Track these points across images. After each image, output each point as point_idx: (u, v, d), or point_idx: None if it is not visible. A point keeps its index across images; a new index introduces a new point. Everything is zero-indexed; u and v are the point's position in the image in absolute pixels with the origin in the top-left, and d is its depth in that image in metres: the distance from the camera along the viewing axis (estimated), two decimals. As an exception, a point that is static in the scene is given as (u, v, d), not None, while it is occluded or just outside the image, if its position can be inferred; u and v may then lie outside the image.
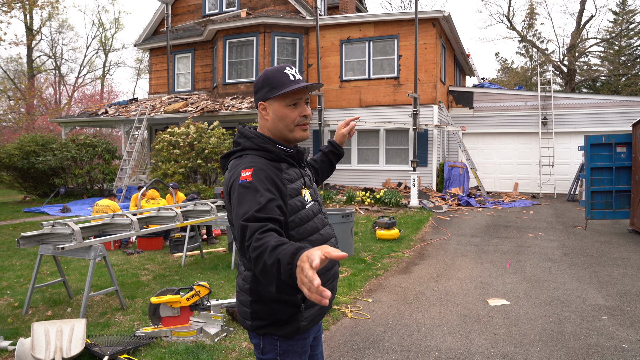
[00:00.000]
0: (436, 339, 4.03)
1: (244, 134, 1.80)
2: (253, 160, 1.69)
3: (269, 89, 1.75)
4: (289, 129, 1.77)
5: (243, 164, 1.69)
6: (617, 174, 9.06)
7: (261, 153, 1.74)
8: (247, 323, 1.76)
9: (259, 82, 1.79)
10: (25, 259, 7.19)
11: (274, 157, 1.75)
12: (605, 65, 30.66)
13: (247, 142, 1.77)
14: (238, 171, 1.66)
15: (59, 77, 34.42)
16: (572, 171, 15.54)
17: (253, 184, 1.60)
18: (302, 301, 1.71)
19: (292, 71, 1.76)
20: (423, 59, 14.65)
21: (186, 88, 18.52)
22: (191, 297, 4.16)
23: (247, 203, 1.55)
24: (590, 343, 3.92)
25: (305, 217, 1.75)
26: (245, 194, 1.58)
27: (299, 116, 1.77)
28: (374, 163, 15.56)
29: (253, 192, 1.57)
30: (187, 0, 18.86)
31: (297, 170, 1.81)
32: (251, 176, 1.61)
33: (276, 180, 1.66)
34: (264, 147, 1.74)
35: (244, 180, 1.61)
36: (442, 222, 10.45)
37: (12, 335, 4.10)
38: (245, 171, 1.64)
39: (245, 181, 1.61)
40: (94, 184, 16.41)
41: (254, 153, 1.74)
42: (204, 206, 6.38)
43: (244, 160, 1.71)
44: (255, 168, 1.64)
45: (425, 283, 5.75)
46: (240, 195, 1.60)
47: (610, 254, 7.22)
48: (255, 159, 1.70)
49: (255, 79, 1.80)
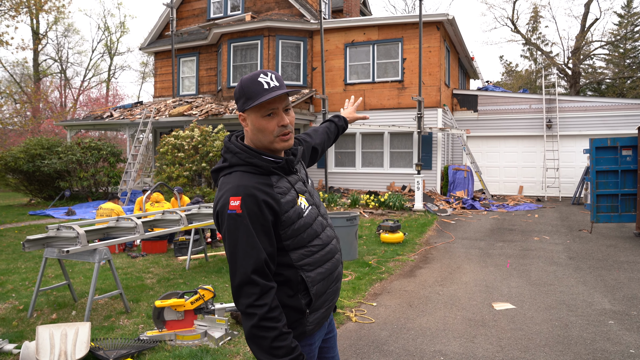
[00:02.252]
0: (441, 344, 4.01)
1: (230, 149, 1.72)
2: (241, 183, 1.61)
3: (244, 99, 1.67)
4: (269, 140, 1.69)
5: (230, 186, 1.62)
6: (623, 177, 9.00)
7: (249, 168, 1.67)
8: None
9: (237, 92, 1.70)
10: (31, 262, 7.22)
11: (263, 171, 1.67)
12: (610, 68, 30.54)
13: (233, 158, 1.70)
14: (226, 197, 1.59)
15: (64, 80, 34.62)
16: (577, 174, 15.46)
17: (243, 219, 1.56)
18: (307, 306, 1.70)
19: (267, 78, 1.66)
20: (427, 62, 14.64)
21: (191, 91, 18.58)
22: (195, 301, 4.16)
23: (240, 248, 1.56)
24: (596, 348, 3.89)
25: (303, 226, 1.71)
26: (237, 231, 1.56)
27: (277, 126, 1.68)
28: (378, 166, 15.54)
29: (245, 231, 1.56)
30: (192, 4, 18.95)
31: (288, 179, 1.74)
32: (240, 207, 1.56)
33: (269, 203, 1.61)
34: (251, 162, 1.66)
35: (232, 211, 1.56)
36: (447, 226, 10.42)
37: (17, 339, 4.11)
38: (233, 199, 1.57)
39: (235, 212, 1.56)
40: (99, 187, 16.47)
41: (241, 169, 1.67)
42: (208, 209, 6.39)
43: (232, 179, 1.65)
44: (244, 196, 1.57)
45: (430, 287, 5.73)
46: (230, 228, 1.57)
47: (617, 258, 7.17)
48: (243, 177, 1.63)
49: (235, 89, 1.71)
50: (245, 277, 1.55)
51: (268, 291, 1.56)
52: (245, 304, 1.54)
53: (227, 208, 1.57)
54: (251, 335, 1.55)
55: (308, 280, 1.69)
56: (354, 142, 15.74)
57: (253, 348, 1.57)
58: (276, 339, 1.54)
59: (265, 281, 1.57)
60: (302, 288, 1.69)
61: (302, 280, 1.69)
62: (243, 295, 1.55)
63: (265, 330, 1.53)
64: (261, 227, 1.58)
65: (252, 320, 1.54)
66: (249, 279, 1.54)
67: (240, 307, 1.57)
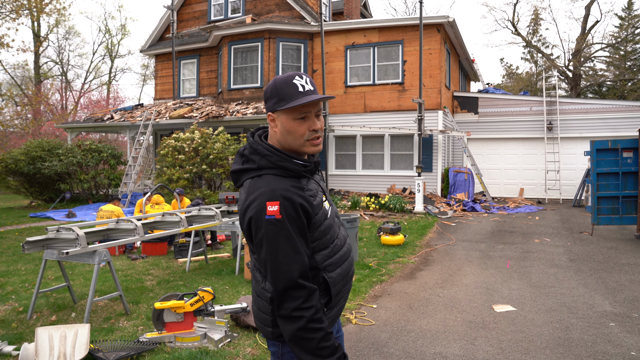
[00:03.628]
0: (441, 346, 4.00)
1: (257, 150, 1.67)
2: (276, 186, 1.59)
3: (276, 100, 1.64)
4: (299, 144, 1.67)
5: (264, 190, 1.58)
6: (624, 179, 8.99)
7: (280, 172, 1.64)
8: (268, 330, 1.72)
9: (268, 92, 1.67)
10: (31, 264, 7.21)
11: (294, 174, 1.65)
12: (610, 70, 30.55)
13: (262, 161, 1.65)
14: (261, 202, 1.56)
15: (65, 83, 34.68)
16: (578, 176, 15.45)
17: (284, 224, 1.54)
18: (325, 306, 1.70)
19: (302, 81, 1.64)
20: (428, 65, 14.65)
21: (191, 94, 18.60)
22: (195, 303, 4.15)
23: (283, 253, 1.55)
24: (597, 350, 3.88)
25: (327, 227, 1.72)
26: (277, 236, 1.55)
27: (307, 130, 1.66)
28: (379, 168, 15.53)
29: (286, 236, 1.55)
30: (193, 7, 18.99)
31: (314, 180, 1.74)
32: (279, 212, 1.54)
33: (305, 206, 1.60)
34: (282, 166, 1.64)
35: (271, 217, 1.54)
36: (447, 228, 10.41)
37: (16, 340, 4.10)
38: (271, 204, 1.55)
39: (274, 218, 1.54)
40: (99, 189, 16.48)
41: (272, 172, 1.63)
42: (209, 211, 6.38)
43: (263, 183, 1.61)
44: (282, 200, 1.55)
45: (430, 289, 5.72)
46: (270, 234, 1.55)
47: (617, 260, 7.15)
48: (276, 181, 1.61)
49: (265, 87, 1.69)
50: (291, 282, 1.55)
51: (313, 293, 1.58)
52: (292, 308, 1.54)
53: (265, 213, 1.55)
54: (297, 337, 1.56)
55: (330, 281, 1.70)
56: (355, 144, 15.74)
57: (297, 350, 1.58)
58: (322, 339, 1.56)
59: (310, 284, 1.58)
60: (323, 288, 1.70)
61: (324, 281, 1.69)
62: (289, 299, 1.55)
63: (312, 332, 1.55)
64: (299, 231, 1.58)
65: (298, 323, 1.54)
66: (296, 283, 1.55)
67: (284, 311, 1.56)
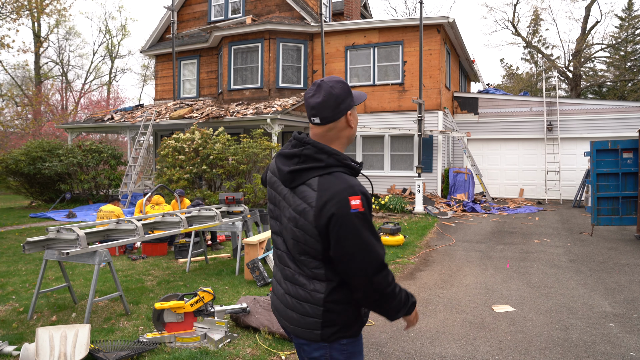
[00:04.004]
0: (441, 346, 4.01)
1: (324, 149, 1.73)
2: (351, 182, 1.68)
3: (351, 98, 1.80)
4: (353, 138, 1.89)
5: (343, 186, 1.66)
6: (624, 179, 8.99)
7: (345, 170, 1.73)
8: (316, 333, 1.73)
9: (339, 93, 1.77)
10: (31, 264, 7.22)
11: (354, 172, 1.76)
12: (611, 71, 30.56)
13: (330, 159, 1.72)
14: (343, 197, 1.63)
15: (65, 83, 34.68)
16: (577, 177, 15.45)
17: (366, 215, 1.66)
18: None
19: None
20: (428, 65, 14.66)
21: (191, 94, 18.61)
22: (195, 303, 4.16)
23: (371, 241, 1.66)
24: (597, 351, 3.88)
25: None
26: (364, 227, 1.65)
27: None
28: (379, 169, 15.54)
29: (369, 226, 1.67)
30: (193, 7, 19.00)
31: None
32: (362, 205, 1.64)
33: (370, 200, 1.71)
34: (347, 164, 1.74)
35: (356, 210, 1.63)
36: (447, 228, 10.41)
37: (17, 340, 4.11)
38: (353, 198, 1.63)
39: (358, 211, 1.63)
40: (99, 190, 16.49)
41: (340, 170, 1.71)
42: (209, 212, 6.38)
43: (337, 180, 1.68)
44: (361, 194, 1.65)
45: (430, 289, 5.72)
46: (357, 226, 1.64)
47: (617, 261, 7.16)
48: (348, 178, 1.70)
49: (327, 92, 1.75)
50: (382, 265, 1.69)
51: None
52: (386, 284, 1.69)
53: (350, 208, 1.63)
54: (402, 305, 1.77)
55: None
56: (355, 145, 15.75)
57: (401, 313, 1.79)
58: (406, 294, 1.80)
59: None
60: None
61: None
62: (383, 279, 1.69)
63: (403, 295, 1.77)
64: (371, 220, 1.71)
65: (399, 294, 1.75)
66: (384, 264, 1.70)
67: (385, 289, 1.70)
